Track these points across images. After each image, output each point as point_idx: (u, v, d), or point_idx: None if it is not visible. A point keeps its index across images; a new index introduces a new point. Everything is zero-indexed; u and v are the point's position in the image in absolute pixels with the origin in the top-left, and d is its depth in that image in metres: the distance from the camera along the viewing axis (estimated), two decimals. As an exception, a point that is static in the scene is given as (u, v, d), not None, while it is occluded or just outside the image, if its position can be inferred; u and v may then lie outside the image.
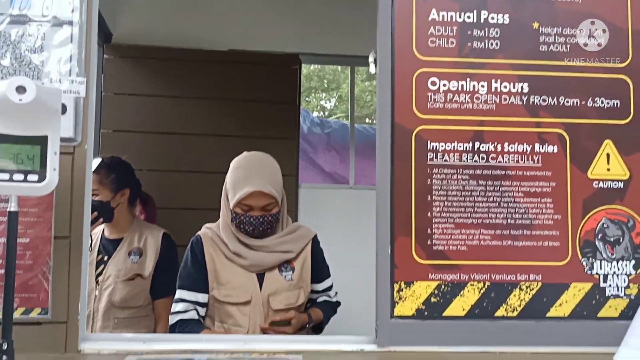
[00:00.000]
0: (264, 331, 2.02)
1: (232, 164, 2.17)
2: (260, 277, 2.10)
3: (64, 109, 1.54)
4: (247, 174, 2.09)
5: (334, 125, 4.84)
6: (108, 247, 2.60)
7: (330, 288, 2.27)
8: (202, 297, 2.09)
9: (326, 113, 11.62)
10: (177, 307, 2.09)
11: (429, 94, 1.69)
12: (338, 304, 2.30)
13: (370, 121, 8.77)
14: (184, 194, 3.78)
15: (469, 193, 1.67)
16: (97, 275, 2.56)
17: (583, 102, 1.71)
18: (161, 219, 3.06)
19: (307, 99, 11.26)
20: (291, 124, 3.97)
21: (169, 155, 3.85)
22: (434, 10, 1.72)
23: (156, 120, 3.87)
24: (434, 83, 1.70)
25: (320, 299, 2.24)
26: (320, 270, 2.23)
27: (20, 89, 1.25)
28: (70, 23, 1.60)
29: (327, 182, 4.57)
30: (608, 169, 1.69)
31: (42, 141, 1.31)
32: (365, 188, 4.16)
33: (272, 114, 3.91)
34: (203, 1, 4.04)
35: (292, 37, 4.06)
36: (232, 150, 2.26)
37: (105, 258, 2.59)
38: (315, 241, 2.23)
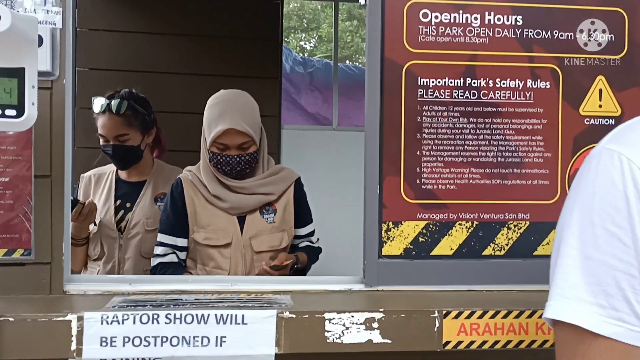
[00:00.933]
0: (260, 273, 2.02)
1: (208, 102, 2.13)
2: (242, 220, 2.08)
3: (40, 41, 1.46)
4: (221, 112, 2.04)
5: (317, 64, 4.74)
6: (129, 192, 2.43)
7: (312, 233, 2.26)
8: (180, 242, 2.07)
9: (306, 55, 11.41)
10: (157, 250, 2.07)
11: (421, 26, 1.63)
12: (320, 250, 2.29)
13: (350, 63, 8.63)
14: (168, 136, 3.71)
15: (459, 131, 1.63)
16: (118, 222, 2.41)
17: (577, 36, 1.66)
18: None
19: (286, 39, 11.00)
20: (273, 62, 3.86)
21: (148, 95, 3.74)
22: None
23: (134, 58, 3.73)
24: (425, 15, 1.64)
25: (302, 244, 2.23)
26: (302, 214, 2.21)
27: (-5, 16, 1.17)
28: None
29: (310, 124, 4.51)
30: (600, 106, 1.67)
31: (19, 73, 1.22)
32: (349, 129, 4.12)
33: (253, 52, 3.80)
34: None
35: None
36: (213, 89, 2.20)
37: (128, 205, 2.42)
38: (298, 184, 2.21)
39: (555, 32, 1.66)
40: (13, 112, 1.23)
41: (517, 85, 1.65)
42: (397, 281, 1.61)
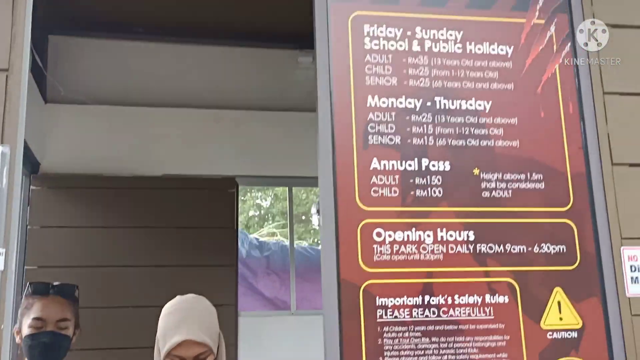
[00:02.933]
0: None
1: (163, 310, 2.02)
2: None
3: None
4: (177, 322, 1.93)
5: (273, 247, 4.74)
6: None
7: None
8: None
9: (262, 212, 11.54)
10: None
11: (375, 246, 1.62)
12: None
13: (306, 244, 8.66)
14: (120, 332, 3.50)
15: (422, 352, 1.56)
16: None
17: (530, 249, 1.68)
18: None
19: (242, 197, 11.14)
20: (229, 249, 3.83)
21: (102, 291, 3.59)
22: (374, 160, 1.69)
23: (88, 253, 3.64)
24: (379, 234, 1.64)
25: None
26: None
27: None
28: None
29: (268, 309, 4.39)
30: (560, 318, 1.64)
31: None
32: (308, 313, 4.01)
33: (209, 241, 3.77)
34: (136, 126, 3.98)
35: (229, 159, 4.02)
36: (170, 281, 2.14)
37: None
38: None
39: (508, 246, 1.67)
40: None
41: (476, 301, 1.62)
42: None
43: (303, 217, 9.22)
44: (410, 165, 1.70)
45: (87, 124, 3.96)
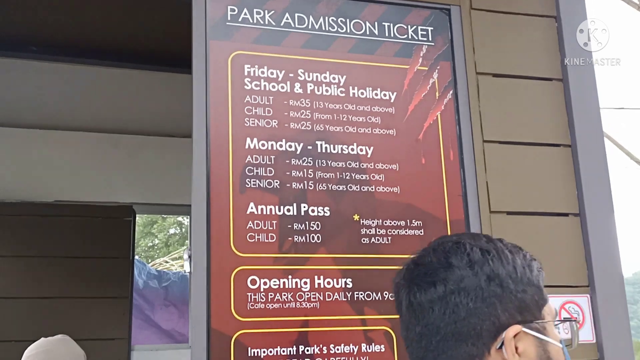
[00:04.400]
0: None
1: (25, 353, 1.92)
2: None
3: None
4: None
5: (172, 277, 4.58)
6: None
7: None
8: None
9: (169, 239, 11.27)
10: None
11: (249, 294, 1.57)
12: None
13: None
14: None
15: (294, 405, 1.52)
16: None
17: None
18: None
19: (152, 231, 10.86)
20: (124, 280, 3.65)
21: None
22: (251, 204, 1.64)
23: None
24: (254, 282, 1.58)
25: None
26: None
27: None
28: None
29: (165, 342, 4.23)
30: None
31: None
32: (208, 346, 3.89)
33: (103, 272, 3.59)
34: (27, 150, 3.75)
35: (126, 186, 3.87)
36: (58, 314, 2.03)
37: None
38: None
39: (386, 293, 1.66)
40: None
41: (351, 350, 1.59)
42: None
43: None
44: (289, 210, 1.67)
45: (-27, 145, 3.71)
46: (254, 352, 1.53)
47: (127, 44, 3.78)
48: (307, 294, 1.61)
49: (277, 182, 1.68)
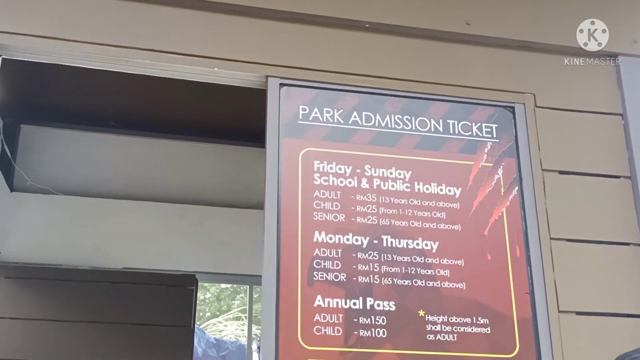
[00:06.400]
0: None
1: None
2: None
3: None
4: None
5: (230, 346, 4.63)
6: None
7: None
8: None
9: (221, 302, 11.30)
10: None
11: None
12: None
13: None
14: None
15: None
16: None
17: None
18: None
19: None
20: (184, 349, 3.72)
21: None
22: (319, 297, 1.69)
23: (40, 346, 3.53)
24: None
25: None
26: None
27: None
28: None
29: (223, 412, 4.25)
30: None
31: None
32: (264, 419, 3.87)
33: (164, 339, 3.67)
34: (99, 218, 3.95)
35: (190, 255, 3.98)
36: None
37: None
38: None
39: (450, 393, 1.65)
40: None
41: None
42: None
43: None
44: (355, 303, 1.70)
45: (51, 213, 3.92)
46: None
47: (196, 120, 4.00)
48: (372, 391, 1.62)
49: (343, 275, 1.73)
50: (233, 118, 3.96)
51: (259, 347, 1.73)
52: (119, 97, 3.77)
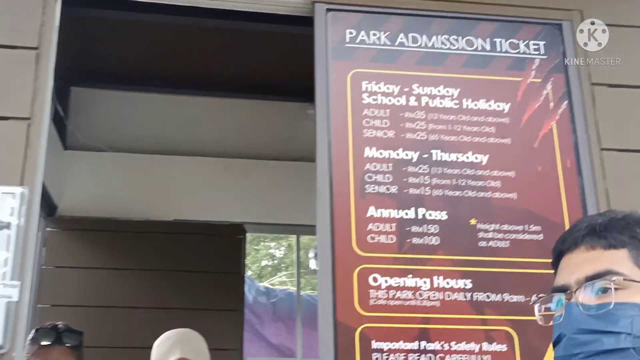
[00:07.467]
0: None
1: (155, 343, 2.08)
2: None
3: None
4: (171, 345, 1.99)
5: (279, 294, 4.76)
6: None
7: None
8: None
9: (275, 261, 11.48)
10: None
11: (371, 290, 1.67)
12: None
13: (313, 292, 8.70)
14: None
15: (418, 398, 1.59)
16: None
17: (528, 299, 1.71)
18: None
19: (255, 247, 11.12)
20: (235, 295, 3.85)
21: (111, 330, 3.63)
22: (371, 208, 1.75)
23: (98, 293, 3.70)
24: (375, 279, 1.68)
25: None
26: None
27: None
28: (8, 226, 1.56)
29: (274, 356, 4.38)
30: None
31: None
32: (314, 361, 4.00)
33: (216, 285, 3.81)
34: (150, 173, 4.08)
35: (238, 206, 4.09)
36: (175, 323, 2.19)
37: None
38: None
39: (506, 295, 1.70)
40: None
41: (472, 349, 1.64)
42: None
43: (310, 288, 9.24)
44: (407, 214, 1.76)
45: (104, 170, 4.08)
46: (377, 344, 1.62)
47: (238, 77, 4.07)
48: (427, 293, 1.68)
49: (395, 187, 1.78)
50: (275, 74, 4.02)
51: (315, 255, 1.80)
52: (162, 58, 3.87)
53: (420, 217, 1.76)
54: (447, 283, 1.70)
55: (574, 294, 0.91)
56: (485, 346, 1.65)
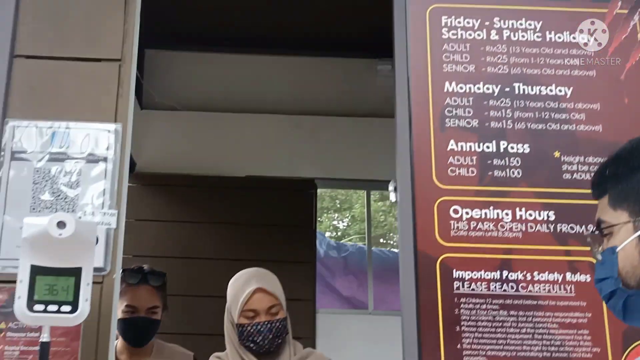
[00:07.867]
0: None
1: (230, 282, 2.14)
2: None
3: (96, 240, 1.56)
4: (246, 280, 2.05)
5: (350, 248, 4.83)
6: None
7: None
8: None
9: (339, 233, 11.57)
10: None
11: (452, 222, 1.68)
12: None
13: (385, 241, 8.74)
14: (204, 320, 3.69)
15: (500, 324, 1.60)
16: None
17: (611, 230, 1.68)
18: (183, 343, 2.95)
19: (319, 219, 11.28)
20: (307, 248, 3.96)
21: (188, 281, 3.81)
22: (452, 141, 1.75)
23: (176, 245, 3.89)
24: (456, 211, 1.69)
25: None
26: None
27: (61, 224, 1.31)
28: (105, 159, 1.67)
29: (346, 307, 4.48)
30: (644, 299, 1.63)
31: (76, 272, 1.34)
32: (385, 314, 4.06)
33: (288, 238, 3.92)
34: (222, 130, 4.20)
35: (308, 162, 4.17)
36: None
37: None
38: (328, 368, 2.13)
39: (591, 227, 1.68)
40: (68, 308, 1.32)
41: (556, 279, 1.64)
42: None
43: (381, 240, 9.24)
44: (488, 147, 1.75)
45: (178, 128, 4.23)
46: (458, 273, 1.64)
47: (306, 35, 4.09)
48: (509, 225, 1.68)
49: (475, 121, 1.77)
50: (344, 31, 4.02)
51: (395, 188, 1.82)
52: (231, 20, 3.94)
53: (502, 150, 1.75)
54: (530, 215, 1.69)
55: None
56: (569, 276, 1.64)
